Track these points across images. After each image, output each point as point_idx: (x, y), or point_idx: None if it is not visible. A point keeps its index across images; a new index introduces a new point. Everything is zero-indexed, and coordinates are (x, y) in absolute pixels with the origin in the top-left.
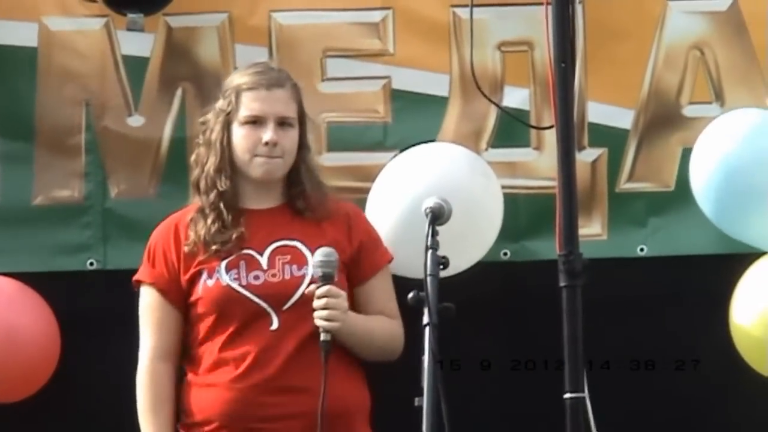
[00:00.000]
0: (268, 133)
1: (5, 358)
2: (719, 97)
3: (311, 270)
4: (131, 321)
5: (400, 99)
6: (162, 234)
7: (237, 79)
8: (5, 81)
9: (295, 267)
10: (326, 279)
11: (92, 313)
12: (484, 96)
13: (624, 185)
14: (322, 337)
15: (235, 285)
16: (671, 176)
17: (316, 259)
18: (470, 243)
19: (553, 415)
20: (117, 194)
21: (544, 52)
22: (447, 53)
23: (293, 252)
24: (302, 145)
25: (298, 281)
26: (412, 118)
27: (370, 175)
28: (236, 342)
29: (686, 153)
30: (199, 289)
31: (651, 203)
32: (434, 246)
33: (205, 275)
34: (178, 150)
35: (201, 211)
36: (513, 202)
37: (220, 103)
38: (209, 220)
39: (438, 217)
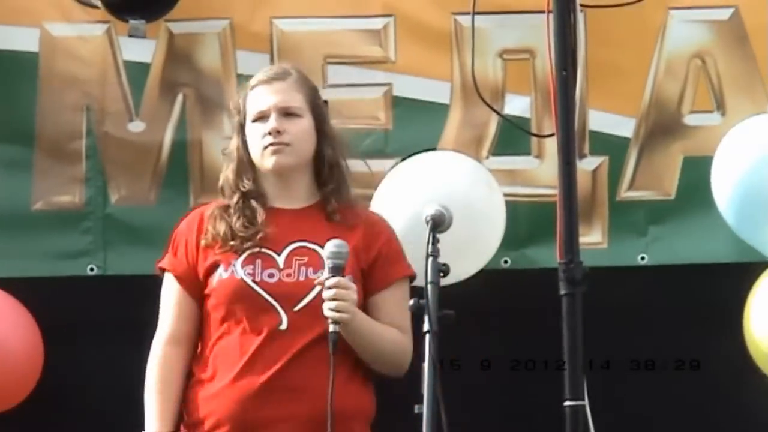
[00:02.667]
0: (270, 123)
1: None
2: (720, 106)
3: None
4: (131, 326)
5: (401, 106)
6: (187, 223)
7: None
8: (6, 86)
9: (311, 270)
10: (336, 271)
11: (91, 319)
12: (485, 103)
13: (625, 194)
14: (331, 328)
15: (248, 280)
16: (672, 185)
17: (327, 250)
18: (472, 252)
19: (552, 423)
20: (117, 200)
21: (546, 60)
22: (448, 61)
23: (311, 254)
24: (321, 135)
25: (312, 284)
26: (413, 126)
27: (371, 182)
28: (243, 339)
29: (687, 162)
30: (214, 281)
31: (651, 212)
32: (435, 253)
33: (221, 268)
34: (179, 156)
35: (225, 209)
36: (513, 209)
37: (234, 111)
38: (234, 218)
39: (438, 224)
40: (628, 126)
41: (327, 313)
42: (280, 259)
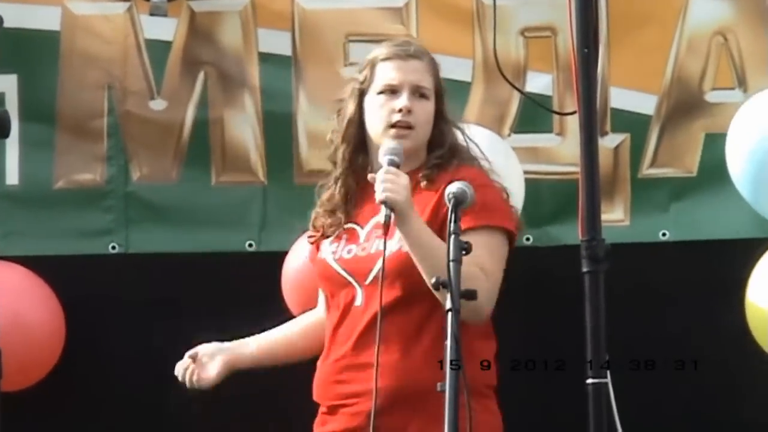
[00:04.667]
0: (402, 100)
1: (11, 344)
2: (742, 83)
3: (398, 244)
4: (153, 304)
5: None
6: None
7: (374, 52)
8: (28, 64)
9: (383, 240)
10: (392, 165)
11: (113, 297)
12: (507, 81)
13: (646, 171)
14: (384, 211)
15: (329, 259)
16: (694, 162)
17: (384, 147)
18: None
19: (575, 400)
20: (139, 178)
21: (568, 38)
22: (470, 38)
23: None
24: (440, 118)
25: (381, 253)
26: None
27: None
28: (331, 317)
29: (709, 139)
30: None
31: (673, 189)
32: (457, 231)
33: (318, 248)
34: (201, 134)
35: (328, 185)
36: (536, 187)
37: (356, 77)
38: (328, 195)
39: (461, 202)
40: (650, 103)
41: (378, 196)
42: (363, 234)
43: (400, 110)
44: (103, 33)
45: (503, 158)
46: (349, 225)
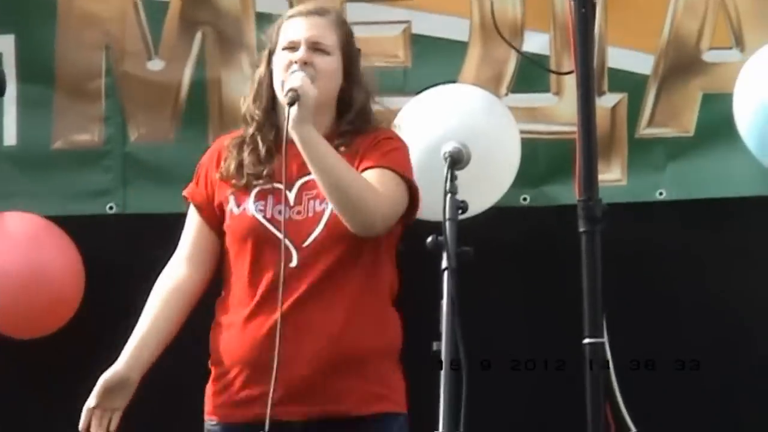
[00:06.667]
0: (299, 53)
1: (30, 293)
2: (739, 42)
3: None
4: (149, 265)
5: (420, 43)
6: (209, 153)
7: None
8: (25, 25)
9: (317, 202)
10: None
11: (111, 257)
12: (504, 41)
13: (643, 131)
14: (289, 96)
15: (259, 217)
16: (691, 121)
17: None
18: (488, 184)
19: (573, 360)
20: (136, 138)
21: None
22: None
23: (318, 186)
24: (348, 78)
25: (319, 216)
26: (432, 63)
27: (389, 119)
28: (255, 278)
29: (706, 98)
30: (227, 218)
31: (670, 148)
32: (453, 190)
33: (233, 203)
34: (198, 94)
35: (240, 142)
36: (532, 147)
37: (266, 39)
38: (246, 153)
39: (457, 161)
40: (647, 63)
41: (288, 84)
42: (291, 195)
43: (296, 62)
44: None
45: (500, 118)
46: (274, 185)
